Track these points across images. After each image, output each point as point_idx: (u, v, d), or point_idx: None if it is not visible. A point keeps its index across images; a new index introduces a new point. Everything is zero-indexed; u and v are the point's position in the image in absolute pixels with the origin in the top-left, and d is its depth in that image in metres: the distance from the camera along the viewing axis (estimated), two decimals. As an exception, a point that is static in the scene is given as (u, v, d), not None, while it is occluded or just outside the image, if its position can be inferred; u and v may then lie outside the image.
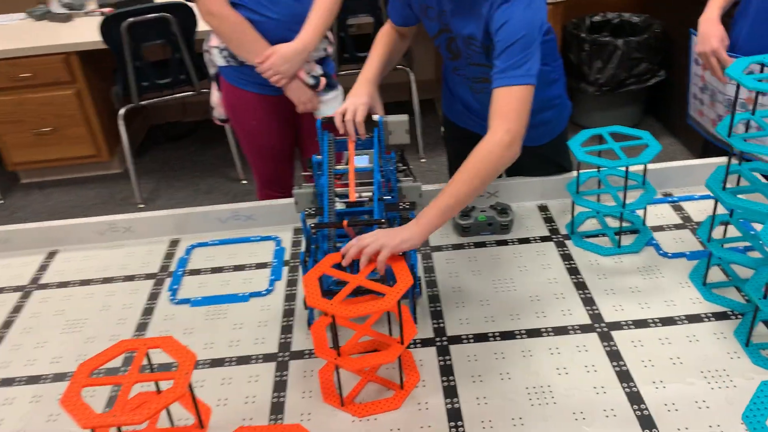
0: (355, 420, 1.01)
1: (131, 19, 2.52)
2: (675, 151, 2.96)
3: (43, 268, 1.47)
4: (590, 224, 1.43)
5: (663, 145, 2.91)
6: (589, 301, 1.21)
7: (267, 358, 1.16)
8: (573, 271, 1.29)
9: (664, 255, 1.31)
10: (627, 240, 1.35)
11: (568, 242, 1.37)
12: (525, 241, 1.39)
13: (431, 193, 1.49)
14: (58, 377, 1.16)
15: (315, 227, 1.12)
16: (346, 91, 1.45)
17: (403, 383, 1.06)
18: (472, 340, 1.14)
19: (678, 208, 1.45)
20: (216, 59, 1.72)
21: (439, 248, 1.39)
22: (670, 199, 1.48)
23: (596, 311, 1.18)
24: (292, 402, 1.06)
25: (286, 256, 1.42)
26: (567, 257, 1.33)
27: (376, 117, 1.25)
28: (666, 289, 1.22)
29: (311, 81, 1.70)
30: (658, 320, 1.15)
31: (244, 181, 3.06)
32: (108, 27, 2.55)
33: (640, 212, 1.41)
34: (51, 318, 1.31)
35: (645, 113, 3.12)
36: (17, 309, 1.34)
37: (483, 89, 1.44)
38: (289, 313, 1.25)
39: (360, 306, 0.95)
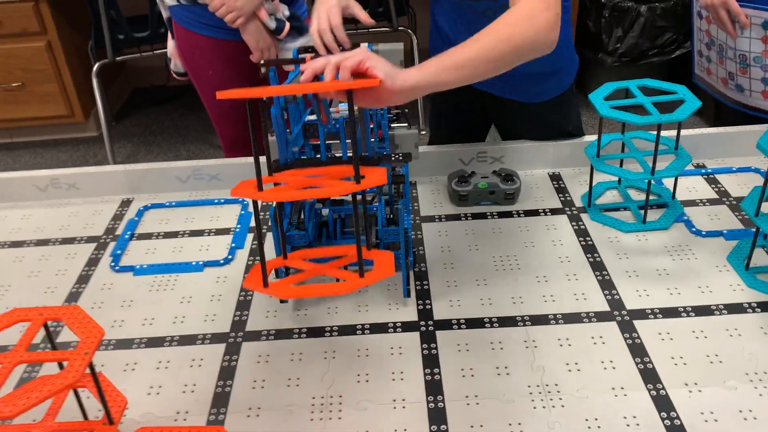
0: (314, 419, 0.81)
1: (105, -36, 2.30)
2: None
3: (-29, 226, 1.27)
4: (610, 196, 1.22)
5: (689, 122, 2.69)
6: (607, 285, 1.00)
7: (216, 338, 0.96)
8: (589, 248, 1.08)
9: (698, 233, 1.10)
10: (653, 215, 1.14)
11: (584, 216, 1.16)
12: (533, 213, 1.18)
13: (431, 156, 1.30)
14: (-36, 353, 0.96)
15: (264, 64, 0.92)
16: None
17: (365, 273, 0.76)
18: (464, 326, 0.94)
19: (713, 182, 1.24)
20: None
21: (431, 218, 1.19)
22: (703, 171, 1.27)
23: (616, 296, 0.98)
24: (239, 393, 0.86)
25: (252, 222, 1.21)
26: (582, 233, 1.12)
27: (364, 45, 1.04)
28: (700, 273, 1.01)
29: (273, 24, 1.44)
30: (690, 309, 0.95)
31: (229, 150, 2.85)
32: (79, -29, 2.33)
33: (668, 184, 1.20)
34: (-31, 283, 1.11)
35: (666, 89, 2.91)
36: (-67, 272, 1.14)
37: (483, 11, 1.17)
38: (248, 287, 1.05)
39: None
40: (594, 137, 1.26)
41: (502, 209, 1.20)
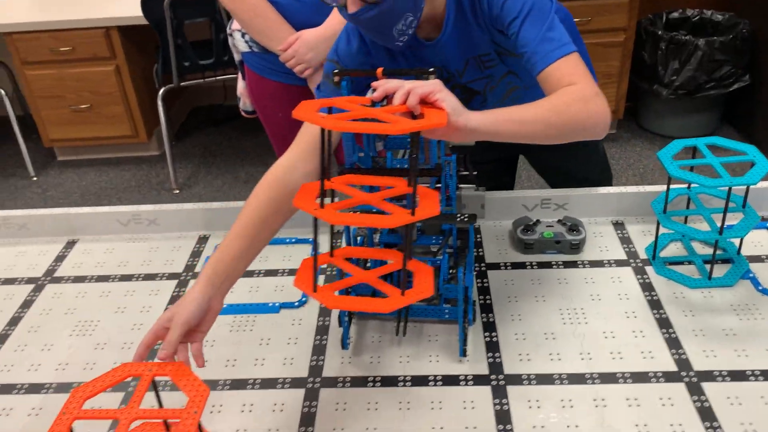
0: (394, 472, 0.86)
1: (175, -5, 2.39)
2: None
3: (60, 258, 1.35)
4: (674, 249, 1.24)
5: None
6: (674, 343, 1.02)
7: (295, 383, 1.01)
8: (655, 304, 1.10)
9: (764, 292, 1.11)
10: (719, 271, 1.16)
11: (648, 269, 1.18)
12: (598, 264, 1.21)
13: (495, 202, 1.33)
14: (61, 388, 1.03)
15: (338, 73, 0.96)
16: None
17: (404, 291, 0.80)
18: (534, 382, 0.97)
19: (779, 236, 1.25)
20: (239, 45, 1.54)
21: (496, 266, 1.22)
22: (768, 224, 1.28)
23: (683, 356, 1.00)
24: (321, 441, 0.91)
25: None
26: (647, 287, 1.14)
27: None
28: (767, 335, 1.03)
29: None
30: (759, 373, 0.96)
31: (285, 172, 2.92)
32: (150, 2, 2.43)
33: (734, 239, 1.21)
34: (61, 317, 1.18)
35: (722, 121, 2.87)
36: (27, 304, 1.22)
37: (517, 96, 1.25)
38: (322, 331, 1.10)
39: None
40: (658, 188, 1.28)
41: (567, 258, 1.22)
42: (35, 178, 3.06)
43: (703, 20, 2.80)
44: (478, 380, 0.98)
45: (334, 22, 1.44)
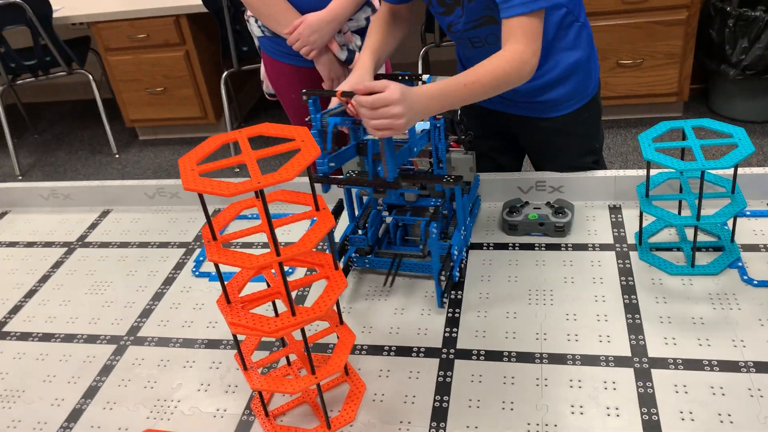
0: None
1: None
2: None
3: (93, 226, 1.49)
4: (666, 235, 1.20)
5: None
6: (635, 329, 1.01)
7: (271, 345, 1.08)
8: (628, 289, 1.08)
9: (749, 282, 1.06)
10: (706, 258, 1.12)
11: (633, 254, 1.16)
12: (581, 247, 1.20)
13: (490, 184, 1.34)
14: (67, 338, 1.16)
15: (306, 93, 1.07)
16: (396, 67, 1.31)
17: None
18: (482, 357, 0.99)
19: (782, 225, 1.18)
20: (253, 29, 1.62)
21: (479, 246, 1.24)
22: (773, 212, 1.21)
23: (641, 342, 0.98)
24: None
25: (319, 238, 1.33)
26: (626, 272, 1.12)
27: (425, 77, 1.12)
28: (738, 325, 0.99)
29: (343, 56, 1.55)
30: (716, 363, 0.93)
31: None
32: (210, -10, 2.57)
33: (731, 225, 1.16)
34: (82, 277, 1.32)
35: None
36: (58, 265, 1.37)
37: (486, 37, 1.25)
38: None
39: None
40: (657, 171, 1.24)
41: (551, 241, 1.22)
42: (117, 156, 3.33)
43: (782, -4, 2.60)
44: (430, 353, 1.02)
45: (335, 6, 1.49)
